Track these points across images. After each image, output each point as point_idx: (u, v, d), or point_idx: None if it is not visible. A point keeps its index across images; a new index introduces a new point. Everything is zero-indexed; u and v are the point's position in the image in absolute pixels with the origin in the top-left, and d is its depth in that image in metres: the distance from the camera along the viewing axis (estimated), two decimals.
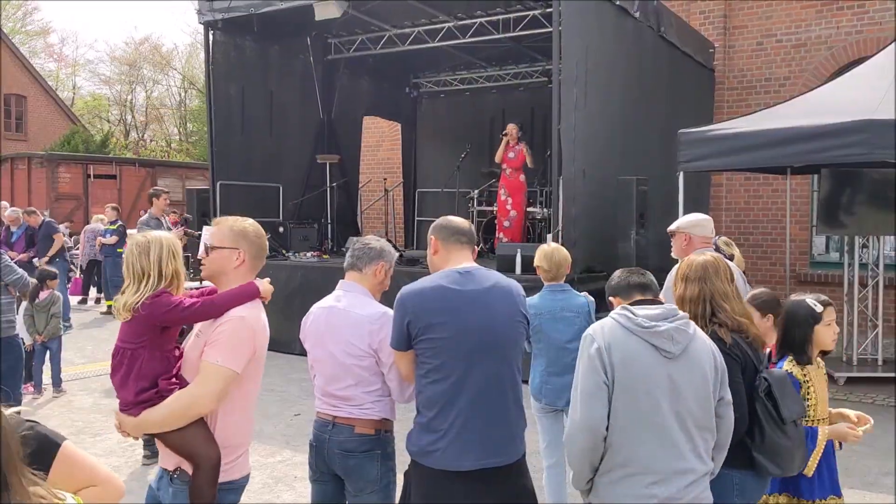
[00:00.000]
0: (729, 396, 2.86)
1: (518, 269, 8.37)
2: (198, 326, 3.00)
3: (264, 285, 3.00)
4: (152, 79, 43.00)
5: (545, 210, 10.95)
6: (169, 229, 8.57)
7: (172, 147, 40.38)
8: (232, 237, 3.02)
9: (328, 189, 12.62)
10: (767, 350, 3.30)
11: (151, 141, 41.89)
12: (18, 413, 1.96)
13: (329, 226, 12.81)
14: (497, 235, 10.83)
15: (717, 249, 4.69)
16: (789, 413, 3.08)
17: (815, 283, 10.80)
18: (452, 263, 3.17)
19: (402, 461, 3.19)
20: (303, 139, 12.62)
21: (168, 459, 2.88)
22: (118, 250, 13.37)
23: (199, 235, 9.21)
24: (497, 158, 10.95)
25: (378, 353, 3.29)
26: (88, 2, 63.86)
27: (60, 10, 64.03)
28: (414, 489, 3.14)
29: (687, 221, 4.89)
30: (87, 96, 43.36)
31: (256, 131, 11.66)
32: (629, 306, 2.81)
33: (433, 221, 3.34)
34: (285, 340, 9.54)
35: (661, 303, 2.90)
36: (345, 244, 10.79)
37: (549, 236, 8.31)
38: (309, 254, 11.09)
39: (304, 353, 3.55)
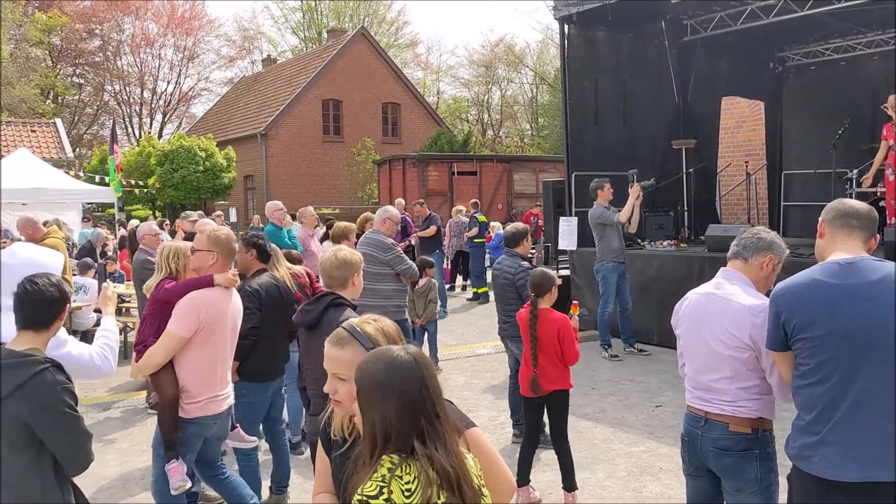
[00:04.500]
0: None
1: None
2: None
3: (223, 277, 3.95)
4: (506, 78, 45.48)
5: None
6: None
7: (525, 142, 42.22)
8: (208, 243, 3.98)
9: (684, 175, 12.22)
10: None
11: (507, 137, 44.26)
12: None
13: (685, 213, 12.42)
14: (889, 221, 9.53)
15: None
16: None
17: None
18: (837, 251, 2.84)
19: (780, 461, 2.98)
20: (657, 125, 12.35)
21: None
22: (476, 241, 14.35)
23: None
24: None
25: (759, 346, 3.10)
26: (450, 11, 69.46)
27: (426, 21, 70.53)
28: (794, 494, 2.90)
29: None
30: (449, 100, 47.19)
31: (609, 121, 11.64)
32: None
33: (802, 206, 3.06)
34: (642, 330, 9.36)
35: None
36: (703, 232, 10.33)
37: None
38: (665, 242, 10.82)
39: (661, 342, 3.47)
